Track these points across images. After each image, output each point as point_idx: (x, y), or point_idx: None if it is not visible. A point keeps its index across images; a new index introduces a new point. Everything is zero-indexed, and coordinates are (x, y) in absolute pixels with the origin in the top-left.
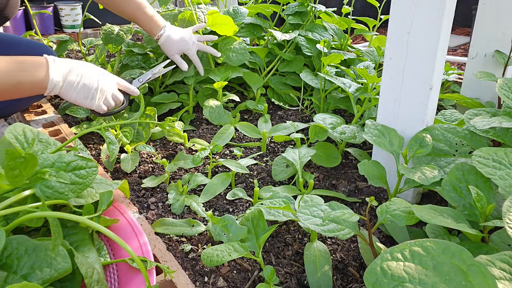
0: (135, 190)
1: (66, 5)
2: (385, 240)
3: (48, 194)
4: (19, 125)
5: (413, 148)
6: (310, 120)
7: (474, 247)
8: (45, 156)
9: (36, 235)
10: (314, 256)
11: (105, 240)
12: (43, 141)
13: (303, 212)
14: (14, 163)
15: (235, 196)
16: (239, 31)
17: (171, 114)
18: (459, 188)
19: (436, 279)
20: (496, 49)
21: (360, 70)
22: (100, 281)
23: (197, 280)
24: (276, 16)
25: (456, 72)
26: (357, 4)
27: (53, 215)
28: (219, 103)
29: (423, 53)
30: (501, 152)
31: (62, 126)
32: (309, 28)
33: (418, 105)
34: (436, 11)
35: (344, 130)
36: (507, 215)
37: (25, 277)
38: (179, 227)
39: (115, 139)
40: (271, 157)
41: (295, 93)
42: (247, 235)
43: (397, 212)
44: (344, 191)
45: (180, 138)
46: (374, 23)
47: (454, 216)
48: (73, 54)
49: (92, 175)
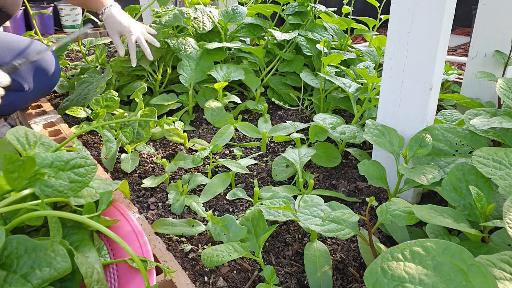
0: (135, 190)
1: (66, 5)
2: (385, 240)
3: (48, 193)
4: (22, 128)
5: (413, 148)
6: (310, 120)
7: (474, 247)
8: (43, 156)
9: (36, 235)
10: (314, 256)
11: (105, 240)
12: (45, 144)
13: (303, 212)
14: (13, 166)
15: (235, 196)
16: (239, 31)
17: (171, 114)
18: (459, 188)
19: (437, 279)
20: (496, 49)
21: (360, 70)
22: (100, 281)
23: (197, 280)
24: (276, 16)
25: (456, 72)
26: (357, 4)
27: (53, 214)
28: (220, 104)
29: (423, 53)
30: (501, 152)
31: (62, 126)
32: (309, 28)
33: (418, 105)
34: (436, 11)
35: (344, 130)
36: (507, 215)
37: (24, 276)
38: (179, 227)
39: (113, 137)
40: (271, 157)
41: (295, 93)
42: (247, 235)
43: (397, 212)
44: (344, 191)
45: (180, 138)
46: (374, 23)
47: (454, 216)
48: (73, 54)
49: (91, 173)
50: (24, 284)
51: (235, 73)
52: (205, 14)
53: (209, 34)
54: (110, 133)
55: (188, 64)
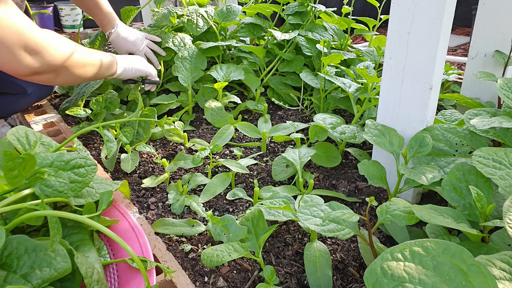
0: (135, 190)
1: (66, 5)
2: (385, 240)
3: (48, 193)
4: (22, 128)
5: (413, 148)
6: (310, 120)
7: (474, 247)
8: (43, 155)
9: (36, 235)
10: (314, 256)
11: (105, 240)
12: (45, 144)
13: (303, 212)
14: (13, 163)
15: (235, 196)
16: (239, 31)
17: (170, 114)
18: (459, 188)
19: (436, 279)
20: (496, 49)
21: (360, 70)
22: (100, 281)
23: (197, 280)
24: (276, 16)
25: (456, 72)
26: (357, 4)
27: (53, 214)
28: (220, 104)
29: (423, 53)
30: (501, 152)
31: (62, 126)
32: (309, 28)
33: (418, 105)
34: (436, 11)
35: (344, 130)
36: (507, 215)
37: (24, 276)
38: (179, 227)
39: (113, 137)
40: (271, 157)
41: (295, 93)
42: (247, 235)
43: (397, 212)
44: (344, 191)
45: (180, 138)
46: (374, 23)
47: (454, 216)
48: None
49: (91, 173)
50: (24, 284)
51: (235, 73)
52: (199, 15)
53: (206, 34)
54: (110, 133)
55: (183, 65)
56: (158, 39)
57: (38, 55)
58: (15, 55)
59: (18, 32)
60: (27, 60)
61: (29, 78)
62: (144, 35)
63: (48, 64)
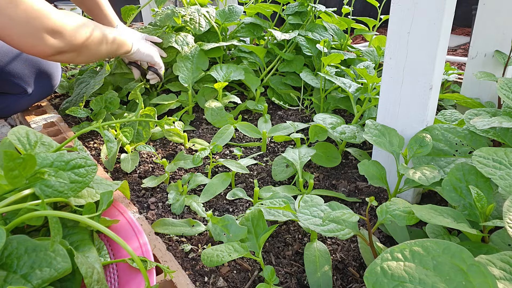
0: (135, 190)
1: (66, 5)
2: (385, 240)
3: (48, 193)
4: (23, 127)
5: (413, 148)
6: (310, 120)
7: (474, 247)
8: (44, 156)
9: (36, 235)
10: (314, 256)
11: (105, 240)
12: (45, 144)
13: (303, 212)
14: (13, 164)
15: (235, 196)
16: (239, 31)
17: (170, 114)
18: (459, 188)
19: (436, 279)
20: (496, 49)
21: (360, 70)
22: (100, 281)
23: (197, 280)
24: (276, 16)
25: (456, 72)
26: (357, 4)
27: (54, 214)
28: (220, 104)
29: (423, 53)
30: (501, 152)
31: (62, 126)
32: (309, 28)
33: (418, 105)
34: (436, 11)
35: (344, 130)
36: (507, 215)
37: (25, 276)
38: (179, 227)
39: (113, 137)
40: (271, 157)
41: (295, 93)
42: (247, 235)
43: (397, 212)
44: (344, 191)
45: (180, 138)
46: (374, 23)
47: (454, 216)
48: None
49: (91, 173)
50: (24, 284)
51: (235, 73)
52: (201, 15)
53: (207, 34)
54: (110, 133)
55: (184, 65)
56: (159, 40)
57: (60, 35)
58: (40, 39)
59: (41, 16)
60: (51, 42)
61: (53, 58)
62: (144, 36)
63: (70, 44)
